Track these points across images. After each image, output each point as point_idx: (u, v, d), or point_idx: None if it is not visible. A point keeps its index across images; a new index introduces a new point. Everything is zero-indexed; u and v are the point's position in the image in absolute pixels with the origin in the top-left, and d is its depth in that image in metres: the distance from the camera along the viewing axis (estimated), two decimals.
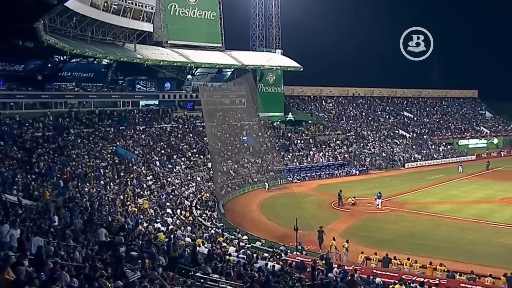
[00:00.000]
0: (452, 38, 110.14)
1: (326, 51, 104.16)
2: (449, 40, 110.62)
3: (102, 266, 16.35)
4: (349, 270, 24.76)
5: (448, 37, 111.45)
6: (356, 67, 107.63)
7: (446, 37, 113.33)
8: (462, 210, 47.20)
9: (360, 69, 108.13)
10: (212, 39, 79.35)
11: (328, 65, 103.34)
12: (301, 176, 66.92)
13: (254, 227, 41.41)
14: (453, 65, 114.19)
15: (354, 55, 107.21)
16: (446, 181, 63.85)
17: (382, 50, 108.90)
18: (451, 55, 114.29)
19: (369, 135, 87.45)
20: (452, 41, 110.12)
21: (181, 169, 55.55)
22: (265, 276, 19.64)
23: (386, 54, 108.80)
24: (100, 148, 51.96)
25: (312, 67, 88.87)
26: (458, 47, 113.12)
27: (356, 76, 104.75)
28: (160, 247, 24.16)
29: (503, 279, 25.87)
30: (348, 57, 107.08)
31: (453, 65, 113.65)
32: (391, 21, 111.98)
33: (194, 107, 71.96)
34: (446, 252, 33.60)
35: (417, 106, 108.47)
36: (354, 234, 37.74)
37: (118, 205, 36.21)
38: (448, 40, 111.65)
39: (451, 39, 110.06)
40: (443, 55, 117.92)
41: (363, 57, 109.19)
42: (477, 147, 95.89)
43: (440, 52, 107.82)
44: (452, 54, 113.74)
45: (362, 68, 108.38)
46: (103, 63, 65.92)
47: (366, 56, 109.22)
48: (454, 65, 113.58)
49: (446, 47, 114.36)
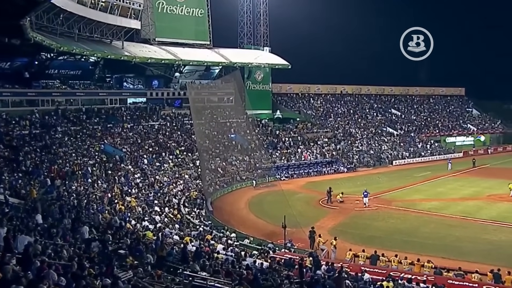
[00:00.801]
0: (439, 37, 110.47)
1: (314, 49, 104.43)
2: (436, 38, 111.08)
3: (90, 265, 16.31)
4: (337, 267, 24.84)
5: (435, 36, 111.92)
6: (344, 64, 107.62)
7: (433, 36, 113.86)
8: (449, 207, 47.47)
9: (348, 67, 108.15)
10: (200, 36, 79.21)
11: (316, 63, 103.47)
12: (289, 174, 67.01)
13: (242, 225, 41.42)
14: (440, 63, 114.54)
15: (342, 52, 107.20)
16: (433, 179, 64.25)
17: (370, 48, 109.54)
18: (439, 53, 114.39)
19: (357, 133, 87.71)
20: (439, 40, 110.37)
21: (169, 167, 55.44)
22: (253, 274, 19.66)
23: (374, 51, 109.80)
24: (88, 146, 51.70)
25: (300, 64, 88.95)
26: (445, 45, 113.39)
27: (344, 74, 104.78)
28: (148, 245, 24.10)
29: (489, 275, 26.08)
30: (336, 55, 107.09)
31: (441, 63, 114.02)
32: (379, 19, 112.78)
33: (182, 104, 71.85)
34: (434, 249, 33.79)
35: (405, 103, 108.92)
36: (342, 231, 37.86)
37: (106, 203, 36.08)
38: (435, 38, 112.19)
39: (438, 38, 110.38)
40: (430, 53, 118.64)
41: (351, 55, 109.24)
42: (464, 145, 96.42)
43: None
44: (439, 52, 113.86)
45: (350, 65, 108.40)
46: (91, 60, 65.66)
47: (354, 53, 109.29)
48: (441, 63, 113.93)
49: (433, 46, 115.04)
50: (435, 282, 23.13)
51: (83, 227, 24.30)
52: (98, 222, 28.63)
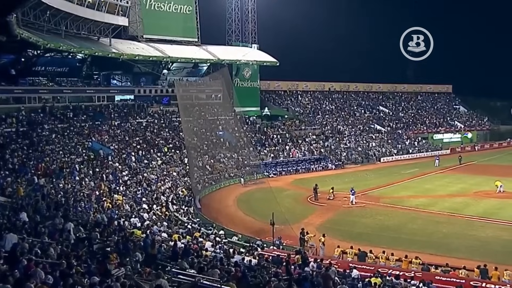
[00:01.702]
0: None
1: (302, 46, 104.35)
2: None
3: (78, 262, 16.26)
4: (325, 264, 24.90)
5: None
6: (332, 62, 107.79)
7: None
8: (436, 204, 47.73)
9: (336, 64, 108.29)
10: (188, 33, 79.05)
11: (304, 60, 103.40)
12: (277, 171, 67.07)
13: (231, 222, 41.47)
14: (428, 60, 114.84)
15: (330, 50, 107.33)
16: (421, 175, 64.51)
17: (358, 45, 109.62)
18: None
19: (345, 130, 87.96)
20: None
21: (157, 164, 55.26)
22: (242, 271, 19.67)
23: (362, 48, 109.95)
24: (75, 144, 51.37)
25: (288, 61, 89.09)
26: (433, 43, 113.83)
27: (332, 71, 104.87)
28: (136, 243, 24.04)
29: (476, 271, 26.27)
30: (324, 52, 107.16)
31: (428, 60, 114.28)
32: (368, 16, 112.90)
33: (170, 102, 71.61)
34: (421, 245, 34.03)
35: (393, 100, 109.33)
36: (330, 228, 37.94)
37: (94, 201, 35.92)
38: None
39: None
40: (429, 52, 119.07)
41: (339, 52, 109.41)
42: (451, 141, 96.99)
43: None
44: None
45: (338, 63, 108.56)
46: (78, 57, 65.23)
47: (342, 51, 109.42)
48: (428, 60, 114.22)
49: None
50: (423, 278, 23.26)
51: (67, 223, 24.20)
52: (86, 220, 28.52)
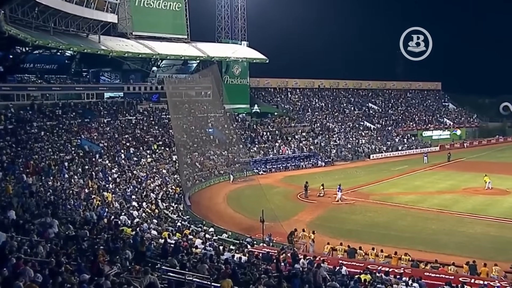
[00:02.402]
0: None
1: (292, 43, 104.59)
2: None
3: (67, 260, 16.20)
4: (316, 261, 24.94)
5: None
6: (322, 59, 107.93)
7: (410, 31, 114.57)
8: (426, 200, 47.91)
9: (325, 61, 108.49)
10: (177, 30, 78.88)
11: (294, 57, 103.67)
12: (267, 168, 67.10)
13: (221, 219, 41.46)
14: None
15: (320, 47, 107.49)
16: (410, 172, 64.81)
17: (347, 42, 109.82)
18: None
19: (335, 127, 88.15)
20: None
21: (146, 161, 55.14)
22: (232, 268, 19.67)
23: (352, 46, 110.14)
24: (64, 141, 51.20)
25: (278, 59, 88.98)
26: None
27: (321, 68, 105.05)
28: (126, 241, 23.98)
29: (465, 268, 26.44)
30: (313, 49, 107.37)
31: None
32: (357, 14, 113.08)
33: (159, 99, 71.47)
34: (411, 242, 34.14)
35: (382, 98, 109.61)
36: (320, 225, 38.00)
37: (83, 199, 35.80)
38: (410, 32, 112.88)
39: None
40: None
41: (328, 49, 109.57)
42: (440, 138, 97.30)
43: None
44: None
45: (327, 60, 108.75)
46: (67, 54, 65.01)
47: (331, 48, 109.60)
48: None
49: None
50: (412, 275, 23.36)
51: (52, 220, 24.13)
52: (75, 218, 28.41)
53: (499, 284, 22.85)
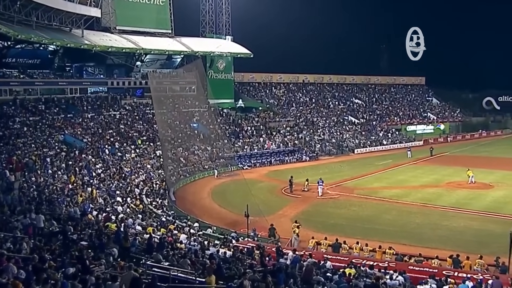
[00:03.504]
0: (400, 27, 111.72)
1: (277, 38, 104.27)
2: (397, 28, 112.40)
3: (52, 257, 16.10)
4: (305, 256, 25.02)
5: (396, 26, 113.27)
6: (306, 54, 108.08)
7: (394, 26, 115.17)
8: (410, 195, 48.21)
9: (310, 56, 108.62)
10: (161, 25, 78.48)
11: (279, 52, 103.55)
12: (251, 163, 67.10)
13: (205, 214, 41.47)
14: (401, 52, 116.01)
15: (304, 42, 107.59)
16: (394, 167, 65.17)
17: (332, 37, 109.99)
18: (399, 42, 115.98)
19: (319, 122, 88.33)
20: (400, 30, 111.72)
21: (131, 157, 54.92)
22: (217, 263, 19.67)
23: (336, 41, 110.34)
24: (47, 137, 50.87)
25: (262, 53, 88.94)
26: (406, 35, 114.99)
27: (306, 63, 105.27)
28: (110, 236, 23.88)
29: (449, 261, 26.69)
30: (298, 44, 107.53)
31: (401, 53, 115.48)
32: (342, 8, 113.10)
33: (143, 94, 71.13)
34: (395, 236, 34.35)
35: (366, 92, 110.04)
36: (305, 219, 38.00)
37: (67, 195, 35.59)
38: (396, 28, 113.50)
39: (399, 28, 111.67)
40: (391, 42, 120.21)
41: (313, 44, 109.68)
42: (424, 133, 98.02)
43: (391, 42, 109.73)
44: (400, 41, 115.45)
45: (312, 55, 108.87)
46: (50, 49, 64.55)
47: (316, 43, 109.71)
48: (402, 52, 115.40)
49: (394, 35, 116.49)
50: (397, 268, 23.51)
51: (38, 215, 23.99)
52: (59, 214, 28.25)
53: (482, 277, 23.03)
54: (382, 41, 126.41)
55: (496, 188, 50.69)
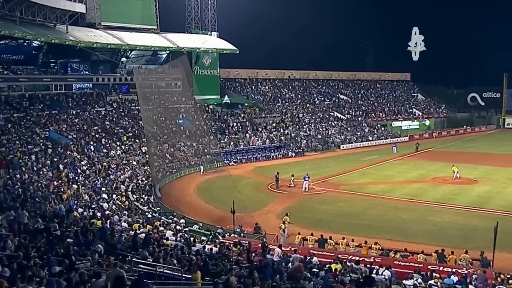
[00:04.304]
0: (385, 23, 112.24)
1: (262, 34, 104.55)
2: (382, 24, 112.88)
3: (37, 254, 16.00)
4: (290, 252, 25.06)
5: (382, 22, 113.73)
6: (292, 50, 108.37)
7: (380, 22, 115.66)
8: (395, 190, 48.47)
9: (296, 52, 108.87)
10: (146, 21, 78.05)
11: (264, 48, 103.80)
12: (237, 159, 67.05)
13: (191, 211, 41.39)
14: (386, 48, 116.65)
15: (290, 38, 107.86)
16: (380, 162, 65.41)
17: (318, 33, 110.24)
18: (385, 39, 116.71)
19: (305, 118, 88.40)
20: (385, 26, 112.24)
21: (116, 153, 54.71)
22: (203, 259, 19.65)
23: (322, 37, 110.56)
24: (32, 133, 50.57)
25: (248, 50, 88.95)
26: (391, 32, 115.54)
27: (292, 59, 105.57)
28: (96, 233, 23.77)
29: (434, 256, 26.88)
30: (284, 40, 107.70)
31: (387, 49, 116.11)
32: (326, 4, 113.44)
33: (129, 90, 70.83)
34: (381, 231, 34.57)
35: (352, 88, 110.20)
36: (291, 215, 37.92)
37: (52, 191, 35.39)
38: (382, 24, 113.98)
39: (384, 24, 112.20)
40: (377, 39, 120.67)
41: (299, 40, 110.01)
42: (410, 129, 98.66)
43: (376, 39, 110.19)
44: (385, 38, 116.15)
45: (298, 51, 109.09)
46: (34, 45, 64.04)
47: (302, 39, 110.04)
48: (387, 48, 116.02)
49: (379, 31, 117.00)
50: (382, 263, 23.62)
51: (22, 210, 23.85)
52: (44, 211, 28.08)
53: (466, 271, 23.21)
54: (368, 37, 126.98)
55: (480, 183, 51.16)
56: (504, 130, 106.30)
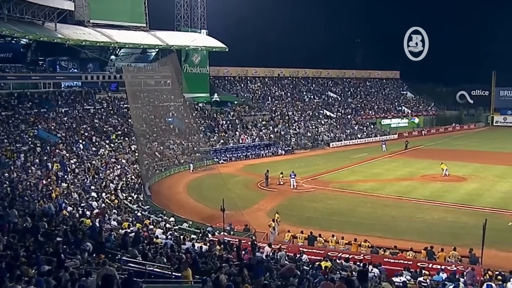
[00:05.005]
0: (375, 21, 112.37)
1: (252, 32, 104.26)
2: (372, 23, 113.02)
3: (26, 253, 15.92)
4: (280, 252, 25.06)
5: (371, 20, 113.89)
6: (282, 48, 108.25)
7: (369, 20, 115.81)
8: (385, 188, 48.60)
9: (285, 50, 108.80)
10: (136, 18, 77.81)
11: (254, 46, 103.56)
12: (227, 157, 67.02)
13: (181, 209, 41.38)
14: (376, 46, 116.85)
15: (280, 36, 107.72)
16: (369, 160, 65.61)
17: (307, 31, 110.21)
18: (374, 37, 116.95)
19: (294, 115, 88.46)
20: (375, 24, 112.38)
21: (105, 151, 54.52)
22: (193, 258, 19.62)
23: (311, 35, 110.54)
24: (21, 132, 50.32)
25: (237, 47, 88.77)
26: (380, 30, 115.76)
27: (281, 57, 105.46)
28: (85, 232, 23.68)
29: (423, 253, 26.97)
30: (273, 38, 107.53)
31: (376, 47, 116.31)
32: (317, 2, 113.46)
33: (118, 88, 70.57)
34: (370, 229, 34.64)
35: (341, 86, 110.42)
36: (281, 213, 37.94)
37: (41, 190, 35.24)
38: (371, 23, 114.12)
39: (374, 22, 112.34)
40: (366, 37, 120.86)
41: (288, 38, 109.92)
42: (399, 127, 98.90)
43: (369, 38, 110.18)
44: (374, 36, 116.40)
45: (287, 49, 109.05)
46: (22, 42, 63.65)
47: (291, 37, 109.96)
48: (377, 46, 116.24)
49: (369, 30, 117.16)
50: (372, 261, 23.68)
51: (11, 209, 23.73)
52: (33, 210, 27.95)
53: (455, 268, 23.32)
54: (357, 35, 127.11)
55: (469, 180, 51.38)
56: (492, 128, 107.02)
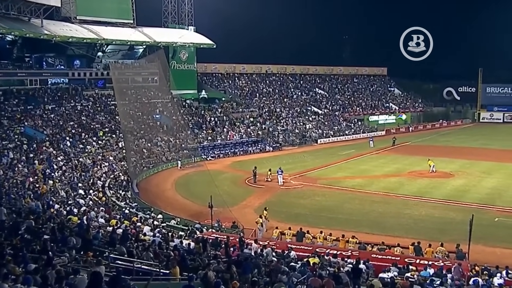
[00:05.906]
0: (363, 18, 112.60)
1: (239, 29, 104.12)
2: (361, 19, 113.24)
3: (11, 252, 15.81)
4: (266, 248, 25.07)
5: (359, 17, 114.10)
6: (269, 44, 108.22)
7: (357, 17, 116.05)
8: (372, 184, 48.81)
9: (273, 47, 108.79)
10: (123, 15, 77.38)
11: (241, 43, 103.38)
12: (215, 154, 66.96)
13: (169, 206, 41.28)
14: (363, 43, 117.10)
15: (267, 32, 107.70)
16: (357, 156, 65.78)
17: (295, 28, 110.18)
18: (361, 33, 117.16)
19: (282, 112, 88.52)
20: (364, 21, 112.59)
21: (93, 148, 54.28)
22: (181, 255, 19.59)
23: (299, 31, 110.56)
24: (7, 129, 50.01)
25: (225, 44, 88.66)
26: (368, 26, 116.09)
27: (269, 54, 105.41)
28: (73, 230, 23.57)
29: (411, 248, 27.14)
30: (261, 35, 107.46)
31: (363, 43, 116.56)
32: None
33: (105, 85, 70.33)
34: (358, 225, 34.82)
35: (329, 83, 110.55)
36: (269, 209, 38.10)
37: (28, 188, 35.04)
38: (359, 19, 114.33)
39: (362, 20, 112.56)
40: (354, 33, 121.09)
41: (276, 35, 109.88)
42: (386, 123, 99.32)
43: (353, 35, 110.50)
44: (362, 32, 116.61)
45: (275, 45, 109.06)
46: (8, 39, 63.26)
47: (279, 33, 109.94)
48: (364, 43, 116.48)
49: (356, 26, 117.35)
50: (360, 257, 23.74)
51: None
52: (19, 207, 27.79)
53: (442, 264, 23.45)
54: (345, 31, 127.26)
55: (456, 177, 51.69)
56: (479, 124, 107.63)
